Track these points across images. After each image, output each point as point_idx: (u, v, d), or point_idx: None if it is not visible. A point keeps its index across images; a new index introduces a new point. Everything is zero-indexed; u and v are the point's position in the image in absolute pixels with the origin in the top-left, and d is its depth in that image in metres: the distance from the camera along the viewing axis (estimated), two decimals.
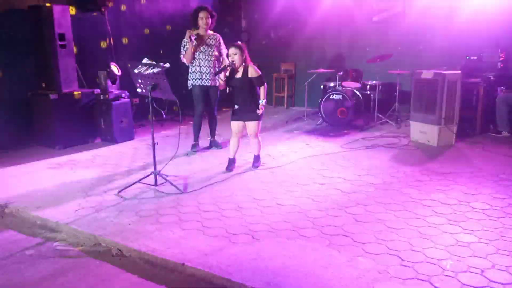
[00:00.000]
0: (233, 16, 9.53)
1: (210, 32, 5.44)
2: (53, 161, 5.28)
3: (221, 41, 5.49)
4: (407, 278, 2.65)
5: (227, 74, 4.63)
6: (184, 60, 5.37)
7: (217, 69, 5.35)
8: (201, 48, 5.34)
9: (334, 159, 5.29)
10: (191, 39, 5.25)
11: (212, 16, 5.35)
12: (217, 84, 5.01)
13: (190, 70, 5.49)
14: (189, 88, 5.55)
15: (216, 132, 5.91)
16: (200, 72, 5.38)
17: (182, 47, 5.39)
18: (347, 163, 5.09)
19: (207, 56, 5.36)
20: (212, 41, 5.39)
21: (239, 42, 4.69)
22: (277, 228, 3.38)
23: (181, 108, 4.45)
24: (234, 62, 4.54)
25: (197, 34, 5.31)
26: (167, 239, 3.22)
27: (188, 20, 5.43)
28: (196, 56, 5.36)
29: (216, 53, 5.39)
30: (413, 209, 3.71)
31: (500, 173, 4.62)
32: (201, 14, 5.29)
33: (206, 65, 5.37)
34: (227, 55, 4.72)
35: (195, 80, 5.43)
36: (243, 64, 4.60)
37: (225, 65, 4.60)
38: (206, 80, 5.41)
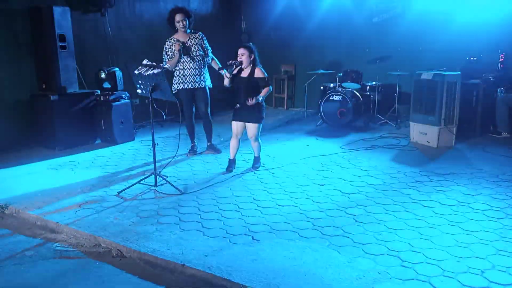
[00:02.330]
0: (233, 18, 9.54)
1: (190, 31, 5.25)
2: (54, 162, 5.29)
3: (204, 38, 5.28)
4: (407, 279, 2.65)
5: (235, 72, 4.59)
6: (168, 66, 5.10)
7: (201, 69, 5.23)
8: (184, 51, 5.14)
9: (334, 160, 5.29)
10: (180, 51, 5.05)
11: (189, 17, 5.17)
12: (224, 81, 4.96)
13: (174, 73, 5.27)
14: (173, 92, 5.22)
15: (221, 138, 5.79)
16: (183, 75, 5.19)
17: (164, 53, 5.20)
18: (347, 164, 5.09)
19: (189, 58, 5.17)
20: (194, 41, 5.20)
21: (250, 44, 4.67)
22: (277, 228, 3.38)
23: (181, 109, 4.46)
24: (241, 62, 4.55)
25: (183, 43, 5.09)
26: (167, 239, 3.22)
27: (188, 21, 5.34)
28: (181, 59, 5.17)
29: (201, 52, 5.21)
30: (413, 210, 3.72)
31: (500, 174, 4.62)
32: (177, 17, 5.10)
33: (190, 67, 5.17)
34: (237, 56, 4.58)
35: (179, 84, 5.23)
36: (251, 65, 4.60)
37: (233, 62, 4.54)
38: (190, 83, 5.21)
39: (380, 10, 8.00)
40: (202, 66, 5.28)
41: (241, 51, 4.56)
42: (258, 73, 4.60)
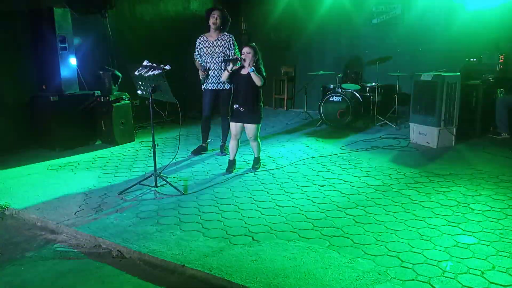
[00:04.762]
0: (233, 19, 9.53)
1: (221, 33, 5.32)
2: (54, 163, 5.29)
3: (233, 41, 5.33)
4: (407, 280, 2.65)
5: (235, 67, 4.58)
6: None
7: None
8: (209, 50, 5.29)
9: (333, 160, 5.29)
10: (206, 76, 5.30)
11: (225, 17, 5.28)
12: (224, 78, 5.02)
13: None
14: (203, 91, 5.49)
15: (210, 139, 5.78)
16: (207, 76, 5.33)
17: (195, 48, 5.41)
18: (346, 165, 5.09)
19: (213, 59, 5.28)
20: (220, 42, 5.28)
21: (254, 44, 4.68)
22: (277, 229, 3.38)
23: (182, 110, 4.47)
24: (244, 59, 4.55)
25: (206, 75, 5.30)
26: (167, 240, 3.22)
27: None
28: (203, 58, 5.35)
29: (224, 56, 5.26)
30: (412, 210, 3.72)
31: (500, 174, 4.62)
32: (214, 13, 5.24)
33: (214, 68, 5.30)
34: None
35: (205, 84, 5.39)
36: (254, 64, 4.60)
37: (236, 57, 4.55)
38: (212, 84, 5.34)
39: (379, 11, 8.01)
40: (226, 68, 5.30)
41: (246, 49, 4.56)
42: (258, 69, 4.58)
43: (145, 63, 4.20)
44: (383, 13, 7.98)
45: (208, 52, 5.30)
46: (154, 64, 4.15)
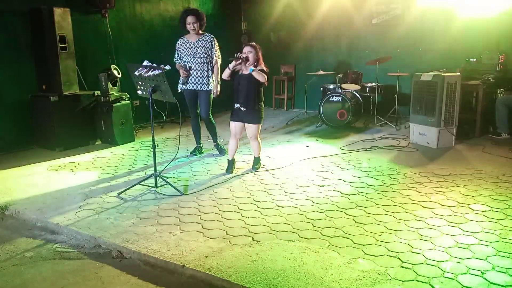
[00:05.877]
0: (233, 18, 9.55)
1: (202, 33, 5.24)
2: (54, 163, 5.29)
3: (214, 42, 5.23)
4: (407, 280, 2.65)
5: (237, 66, 4.52)
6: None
7: (206, 72, 5.21)
8: (190, 51, 5.20)
9: (333, 161, 5.29)
10: (186, 76, 5.20)
11: (201, 19, 5.16)
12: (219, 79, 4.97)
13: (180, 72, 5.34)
14: (179, 91, 5.34)
15: (221, 139, 5.74)
16: (189, 75, 5.23)
17: (176, 51, 5.29)
18: (346, 165, 5.09)
19: (195, 59, 5.19)
20: (202, 43, 5.19)
21: (255, 43, 4.65)
22: (277, 229, 3.38)
23: (182, 110, 4.47)
24: (247, 58, 4.50)
25: (187, 76, 5.20)
26: (167, 241, 3.22)
27: (200, 24, 5.30)
28: (184, 59, 5.26)
29: (206, 55, 5.19)
30: (412, 210, 3.72)
31: (500, 174, 4.62)
32: (189, 19, 5.10)
33: (196, 69, 5.20)
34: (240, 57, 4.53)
35: (183, 84, 5.29)
36: (255, 63, 4.58)
37: (239, 56, 4.51)
38: (194, 84, 5.24)
39: (379, 11, 8.01)
40: (208, 69, 5.25)
41: (247, 49, 4.54)
42: (261, 67, 4.55)
43: (145, 63, 4.20)
44: (383, 13, 7.98)
45: (190, 53, 5.19)
46: (154, 64, 4.15)
